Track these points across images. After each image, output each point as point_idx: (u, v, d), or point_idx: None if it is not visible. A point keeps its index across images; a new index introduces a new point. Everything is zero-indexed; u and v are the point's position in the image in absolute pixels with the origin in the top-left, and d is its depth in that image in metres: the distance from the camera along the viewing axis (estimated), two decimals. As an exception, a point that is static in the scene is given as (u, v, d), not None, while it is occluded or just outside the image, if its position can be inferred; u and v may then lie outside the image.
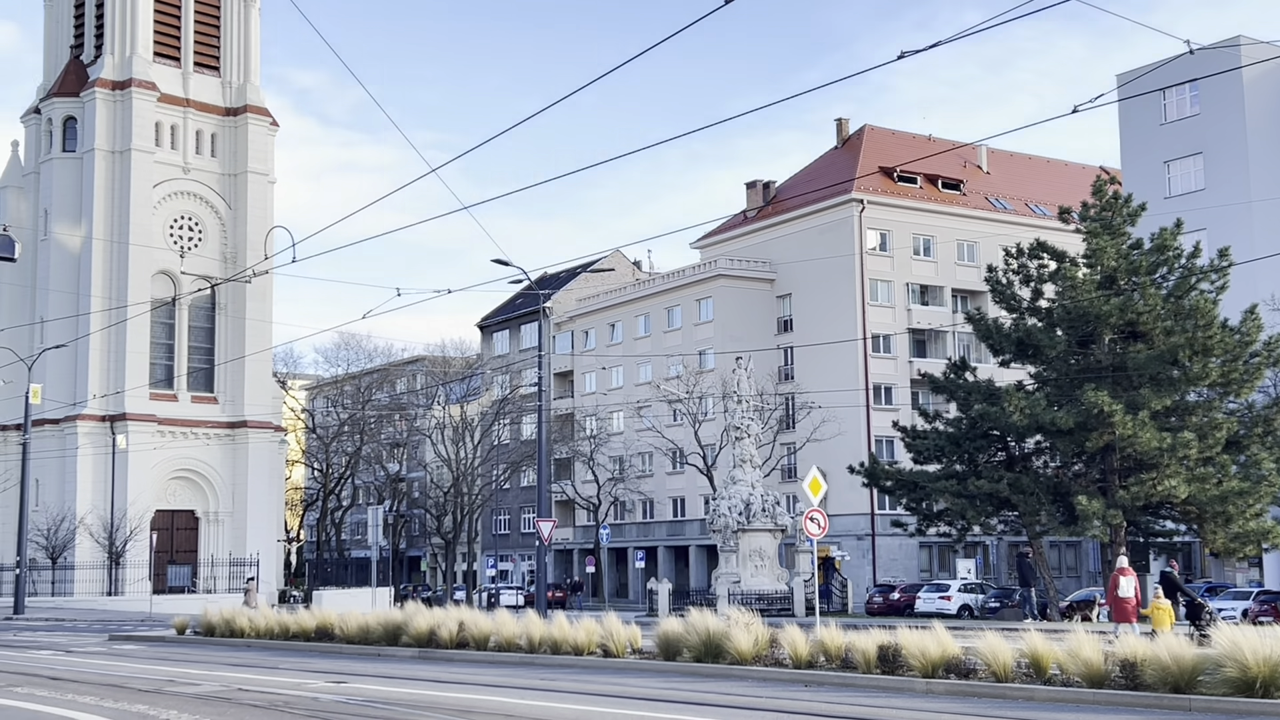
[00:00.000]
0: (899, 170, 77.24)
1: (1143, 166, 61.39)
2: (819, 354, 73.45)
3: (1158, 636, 19.91)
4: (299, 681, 20.81)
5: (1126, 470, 39.07)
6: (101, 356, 70.97)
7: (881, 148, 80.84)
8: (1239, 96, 59.53)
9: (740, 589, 46.38)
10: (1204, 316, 38.79)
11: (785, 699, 17.65)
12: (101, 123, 73.23)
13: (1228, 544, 38.90)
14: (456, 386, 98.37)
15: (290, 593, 75.53)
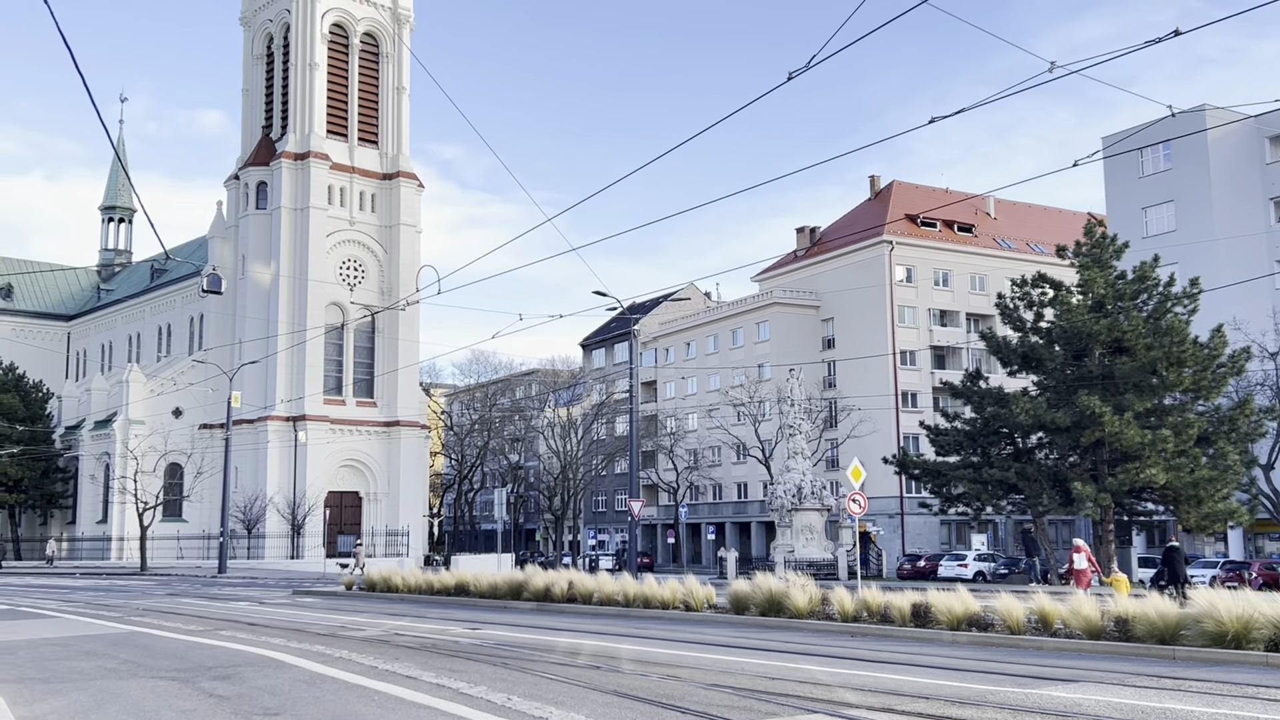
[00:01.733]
0: (922, 217, 76.23)
1: (1125, 212, 60.03)
2: (856, 366, 72.72)
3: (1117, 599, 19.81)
4: (442, 628, 20.81)
5: (1114, 461, 38.07)
6: (286, 370, 72.18)
7: (907, 199, 79.83)
8: (1204, 154, 58.02)
9: (794, 557, 45.88)
10: (1178, 334, 37.70)
11: (835, 646, 17.33)
12: (286, 186, 74.56)
13: (1200, 522, 37.72)
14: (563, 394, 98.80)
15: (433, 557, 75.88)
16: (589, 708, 10.87)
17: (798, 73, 11.33)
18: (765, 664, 14.75)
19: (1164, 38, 10.58)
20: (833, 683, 12.84)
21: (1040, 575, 40.34)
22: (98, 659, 15.63)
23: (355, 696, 11.79)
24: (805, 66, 11.12)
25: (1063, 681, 12.93)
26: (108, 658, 15.76)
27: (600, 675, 13.48)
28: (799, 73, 11.33)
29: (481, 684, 12.54)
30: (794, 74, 11.35)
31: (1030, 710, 10.85)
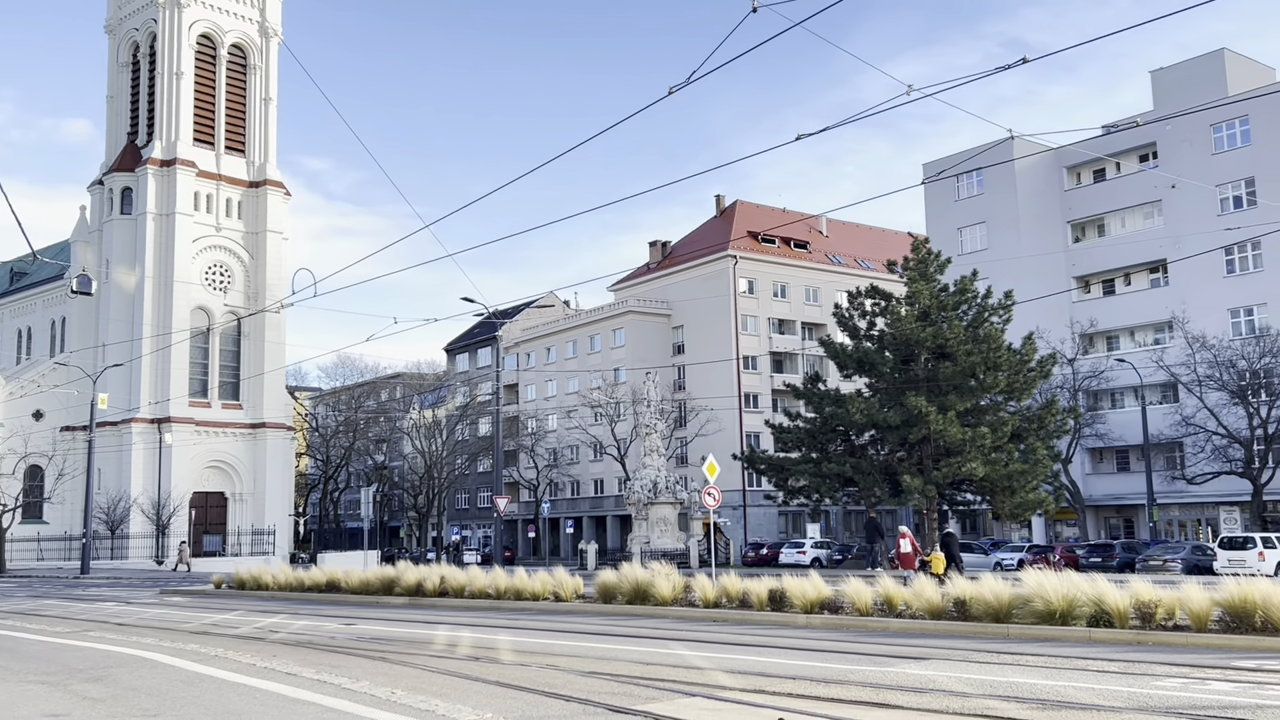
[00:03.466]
0: (762, 234, 77.64)
1: (943, 231, 62.29)
2: (704, 370, 73.50)
3: (931, 577, 20.93)
4: (317, 624, 19.90)
5: (938, 456, 39.26)
6: (151, 373, 68.59)
7: (749, 217, 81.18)
8: (1012, 180, 60.69)
9: (650, 548, 45.87)
10: (995, 342, 39.14)
11: (701, 631, 17.23)
12: (152, 192, 70.92)
13: (1012, 510, 39.21)
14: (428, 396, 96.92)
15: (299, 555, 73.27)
16: (474, 699, 10.41)
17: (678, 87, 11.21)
18: (639, 650, 14.51)
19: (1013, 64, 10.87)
20: (705, 665, 12.69)
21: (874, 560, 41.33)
22: (-40, 665, 14.29)
23: (236, 694, 11.03)
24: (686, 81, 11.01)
25: (914, 659, 13.08)
26: (-29, 663, 14.43)
27: (481, 666, 13.01)
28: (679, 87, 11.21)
29: (364, 679, 11.92)
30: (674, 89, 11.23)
31: (890, 687, 10.89)
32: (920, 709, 9.63)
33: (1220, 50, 55.59)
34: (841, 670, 12.15)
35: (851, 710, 9.58)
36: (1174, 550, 40.89)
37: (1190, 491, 51.56)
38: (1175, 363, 50.59)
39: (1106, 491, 56.95)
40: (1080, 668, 12.08)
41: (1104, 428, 55.03)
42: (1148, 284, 57.53)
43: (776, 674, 11.91)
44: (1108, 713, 9.20)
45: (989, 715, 9.22)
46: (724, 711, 9.70)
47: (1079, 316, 57.75)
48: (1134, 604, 14.43)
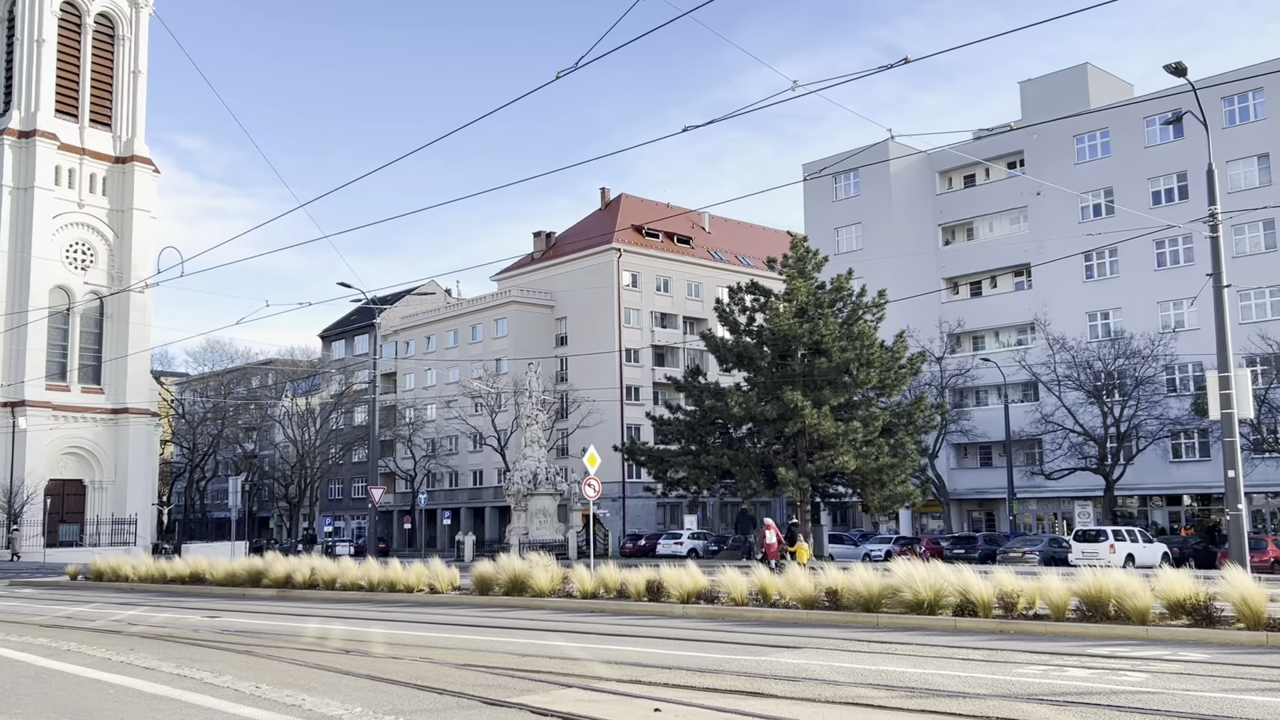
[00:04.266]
0: (646, 228, 77.83)
1: (821, 231, 63.43)
2: (586, 362, 73.37)
3: (796, 565, 22.23)
4: (179, 617, 19.10)
5: (812, 449, 40.01)
6: (4, 353, 64.95)
7: (634, 211, 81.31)
8: (888, 183, 62.24)
9: (528, 539, 45.60)
10: (868, 339, 40.07)
11: (578, 622, 17.10)
12: (9, 164, 67.08)
13: (882, 503, 40.22)
14: (302, 383, 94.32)
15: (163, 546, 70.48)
16: (343, 693, 10.07)
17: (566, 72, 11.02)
18: (515, 642, 14.32)
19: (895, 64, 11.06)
20: (582, 657, 12.58)
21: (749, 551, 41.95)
22: None
23: (89, 690, 10.43)
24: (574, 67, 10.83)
25: (788, 649, 13.21)
26: None
27: (352, 660, 12.63)
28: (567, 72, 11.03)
29: (227, 673, 11.43)
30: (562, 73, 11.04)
31: (764, 676, 10.97)
32: (793, 698, 9.70)
33: (1084, 65, 58.06)
34: (717, 660, 12.19)
35: (726, 700, 9.59)
36: (1032, 543, 42.58)
37: (1048, 486, 53.79)
38: (1036, 363, 52.66)
39: (970, 486, 59.01)
40: (947, 656, 12.39)
41: (969, 424, 56.98)
42: (1013, 287, 59.73)
43: (653, 664, 11.87)
44: (973, 699, 9.42)
45: (860, 703, 9.34)
46: (600, 703, 9.59)
47: (947, 316, 59.63)
48: (997, 594, 14.89)
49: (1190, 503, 52.91)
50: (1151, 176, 53.44)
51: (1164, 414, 49.25)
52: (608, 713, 9.03)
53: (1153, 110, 52.73)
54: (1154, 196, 52.93)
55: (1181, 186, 52.41)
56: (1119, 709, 8.81)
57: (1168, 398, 50.14)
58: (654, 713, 9.03)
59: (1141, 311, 52.36)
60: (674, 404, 45.46)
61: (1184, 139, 50.96)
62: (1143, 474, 50.79)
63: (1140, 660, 11.78)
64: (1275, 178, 49.40)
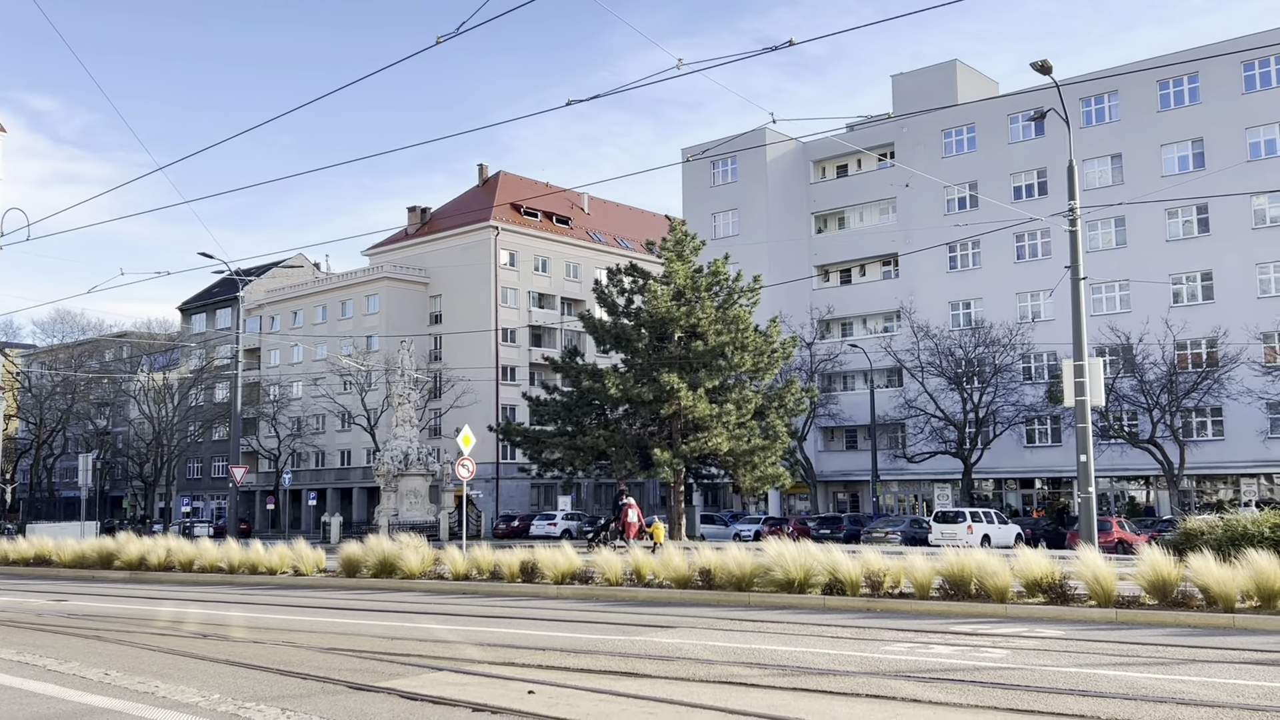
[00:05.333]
0: (525, 206, 77.11)
1: (698, 215, 63.90)
2: (462, 341, 72.34)
3: (658, 544, 22.94)
4: (20, 600, 18.00)
5: (687, 431, 40.25)
6: None
7: (512, 188, 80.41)
8: (764, 171, 63.05)
9: (398, 520, 44.67)
10: (743, 323, 40.51)
11: (450, 604, 16.76)
12: None
13: (753, 484, 40.74)
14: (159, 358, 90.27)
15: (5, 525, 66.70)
16: (199, 679, 9.59)
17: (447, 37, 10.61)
18: (384, 625, 13.93)
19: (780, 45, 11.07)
20: (453, 639, 12.31)
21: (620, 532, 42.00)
22: None
23: (-85, 682, 9.66)
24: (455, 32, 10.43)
25: (662, 628, 13.20)
26: None
27: (210, 644, 12.06)
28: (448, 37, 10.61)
29: (73, 659, 10.78)
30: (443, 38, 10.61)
31: (638, 656, 10.91)
32: (667, 677, 9.67)
33: (953, 61, 59.86)
34: (591, 640, 12.08)
35: (600, 680, 9.49)
36: (894, 524, 43.90)
37: (910, 469, 55.57)
38: (901, 349, 54.25)
39: (836, 468, 60.52)
40: (817, 634, 12.55)
41: (836, 408, 58.38)
42: (881, 275, 61.36)
43: (526, 645, 11.69)
44: (842, 677, 9.54)
45: (732, 681, 9.36)
46: (471, 685, 9.36)
47: (818, 303, 60.92)
48: (865, 573, 15.19)
49: (1042, 486, 55.42)
50: (1014, 172, 55.52)
51: (1020, 401, 51.37)
52: (480, 695, 8.81)
53: (1016, 108, 54.77)
54: (1015, 191, 55.01)
55: (1041, 183, 54.61)
56: (981, 685, 9.03)
57: (1023, 385, 52.32)
58: (528, 695, 8.87)
59: (1001, 302, 54.43)
60: (551, 385, 45.11)
61: (1045, 136, 53.08)
62: (999, 458, 52.95)
63: (1001, 637, 12.16)
64: (1127, 177, 51.90)
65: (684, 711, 8.09)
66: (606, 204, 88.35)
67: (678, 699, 8.60)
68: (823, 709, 8.14)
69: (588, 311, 45.78)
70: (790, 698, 8.65)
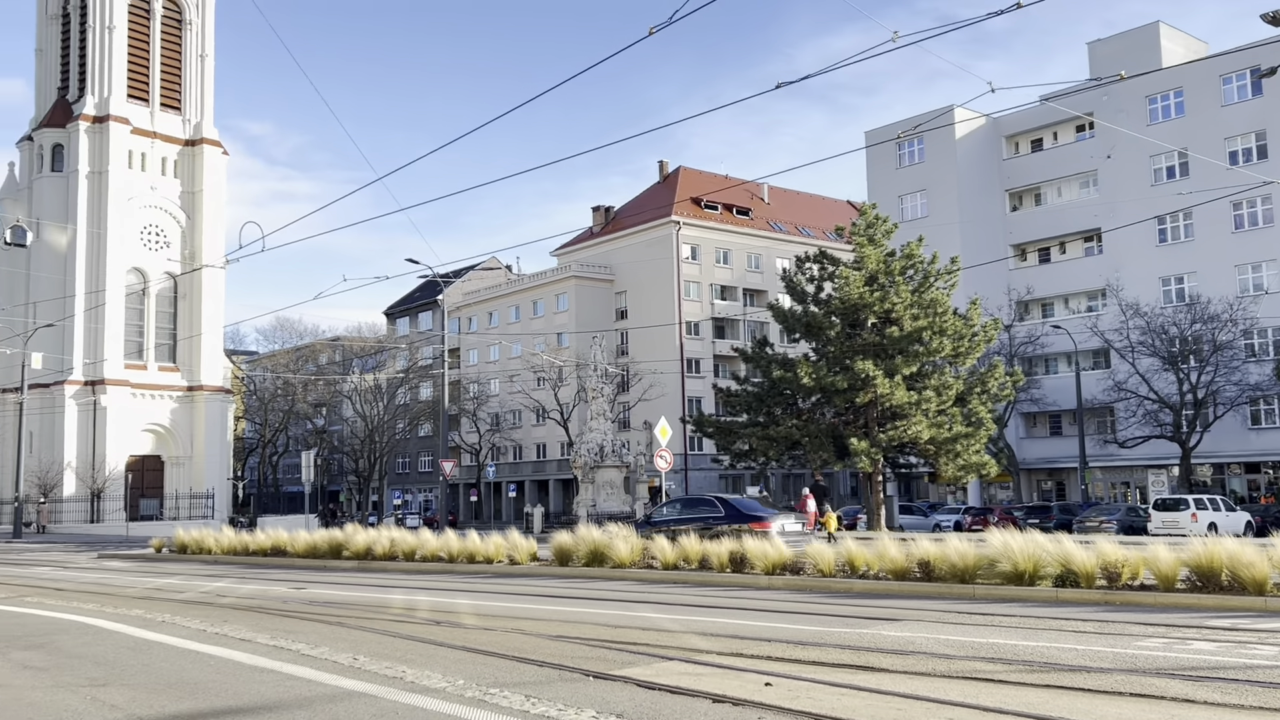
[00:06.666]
0: (705, 200, 77.07)
1: (884, 199, 62.05)
2: (647, 335, 73.05)
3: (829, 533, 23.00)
4: (265, 588, 19.12)
5: (884, 419, 39.24)
6: (85, 334, 66.23)
7: (692, 183, 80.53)
8: (952, 149, 60.82)
9: (596, 510, 45.30)
10: (940, 307, 39.16)
11: (663, 593, 16.78)
12: (83, 149, 68.17)
13: (955, 473, 39.33)
14: (369, 359, 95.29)
15: (238, 519, 71.68)
16: (442, 665, 9.83)
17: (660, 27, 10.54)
18: (604, 613, 14.02)
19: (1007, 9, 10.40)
20: (675, 629, 12.23)
21: None
22: (-114, 634, 13.34)
23: (190, 662, 10.31)
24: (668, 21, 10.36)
25: (886, 620, 12.76)
26: (-102, 632, 13.48)
27: (443, 631, 12.42)
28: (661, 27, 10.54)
29: (322, 644, 11.26)
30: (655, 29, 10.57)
31: (869, 649, 10.53)
32: (906, 671, 9.27)
33: (1155, 23, 56.09)
34: (815, 633, 11.78)
35: (835, 673, 9.18)
36: (1108, 512, 41.47)
37: (1120, 455, 52.45)
38: (1109, 329, 51.26)
39: (1040, 455, 57.78)
40: (1055, 628, 11.85)
41: (1038, 393, 55.72)
42: (1082, 252, 58.16)
43: (750, 636, 11.49)
44: (1096, 674, 8.91)
45: (978, 677, 8.87)
46: (705, 676, 9.23)
47: (1015, 284, 58.27)
48: (1100, 564, 14.26)
49: (1270, 470, 51.26)
50: (1229, 136, 51.51)
51: (1243, 380, 47.68)
52: (716, 686, 8.66)
53: (1229, 67, 50.77)
54: (1230, 156, 51.00)
55: (1260, 146, 50.49)
56: (1260, 685, 8.24)
57: (1247, 363, 48.51)
58: (765, 687, 8.66)
59: (1218, 275, 50.63)
60: (740, 375, 44.81)
61: (1262, 96, 49.01)
62: (1220, 441, 49.27)
63: (1266, 633, 11.14)
64: (1361, 135, 47.30)
65: (934, 709, 7.69)
66: (786, 193, 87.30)
67: (923, 694, 8.21)
68: (1086, 708, 7.58)
69: (777, 300, 45.24)
70: (1046, 695, 8.12)
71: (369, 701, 8.26)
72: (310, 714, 7.88)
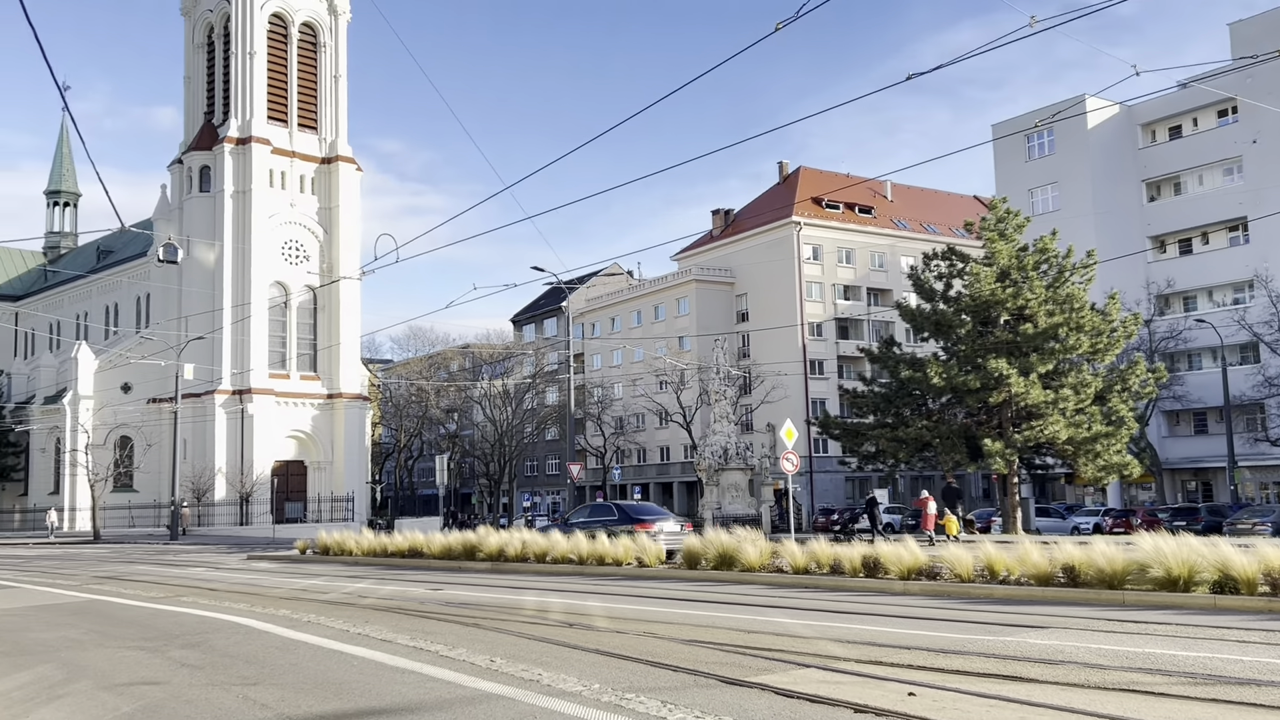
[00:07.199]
0: (826, 199, 75.97)
1: (1013, 193, 59.91)
2: (768, 337, 72.36)
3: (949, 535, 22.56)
4: (403, 590, 19.49)
5: (1019, 419, 37.85)
6: (231, 346, 69.39)
7: (813, 183, 79.49)
8: (1084, 140, 58.52)
9: (720, 513, 45.01)
10: (1077, 302, 37.61)
11: (793, 597, 16.46)
12: (228, 170, 71.44)
13: (1095, 474, 37.66)
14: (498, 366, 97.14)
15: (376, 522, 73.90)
16: (577, 669, 9.78)
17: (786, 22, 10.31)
18: (734, 617, 13.80)
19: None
20: (809, 635, 11.93)
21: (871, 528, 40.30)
22: (60, 629, 14.07)
23: (334, 662, 10.53)
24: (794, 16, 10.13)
25: (1032, 628, 12.19)
26: (70, 627, 14.21)
27: (576, 634, 12.39)
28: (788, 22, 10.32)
29: (459, 646, 11.37)
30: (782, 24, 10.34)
31: (1015, 658, 10.05)
32: (1057, 682, 8.79)
33: (1304, 0, 52.81)
34: (956, 640, 11.31)
35: (981, 683, 8.76)
36: (1262, 514, 39.13)
37: (1272, 454, 49.50)
38: (1257, 322, 48.48)
39: (1183, 454, 55.00)
40: (1215, 638, 11.12)
41: (1181, 390, 53.04)
42: (1227, 242, 55.15)
43: (888, 643, 11.11)
44: (1268, 688, 8.28)
45: (1137, 690, 8.34)
46: (845, 684, 8.93)
47: (1155, 276, 55.63)
48: (1263, 569, 13.35)
49: None
50: (1390, 114, 48.12)
51: None
52: (857, 695, 8.37)
53: (1390, 42, 47.31)
54: (1393, 136, 47.63)
55: None
56: None
57: None
58: (908, 696, 8.32)
59: (1381, 262, 47.33)
60: (866, 376, 43.89)
61: None
62: (1383, 439, 46.05)
63: None
64: None
65: (1093, 724, 7.26)
66: (909, 190, 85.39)
67: (1077, 707, 7.75)
68: (1261, 726, 7.04)
69: (905, 299, 44.16)
70: (1214, 710, 7.57)
71: (507, 704, 8.26)
72: (451, 716, 7.92)
